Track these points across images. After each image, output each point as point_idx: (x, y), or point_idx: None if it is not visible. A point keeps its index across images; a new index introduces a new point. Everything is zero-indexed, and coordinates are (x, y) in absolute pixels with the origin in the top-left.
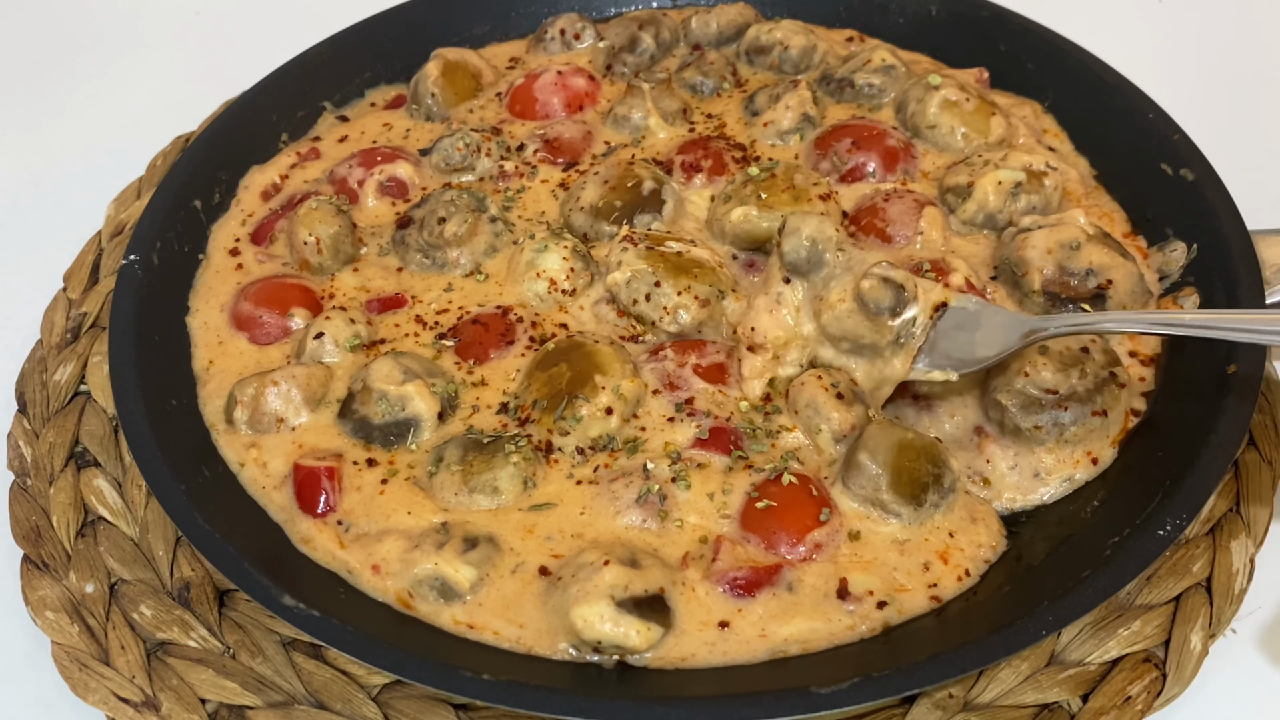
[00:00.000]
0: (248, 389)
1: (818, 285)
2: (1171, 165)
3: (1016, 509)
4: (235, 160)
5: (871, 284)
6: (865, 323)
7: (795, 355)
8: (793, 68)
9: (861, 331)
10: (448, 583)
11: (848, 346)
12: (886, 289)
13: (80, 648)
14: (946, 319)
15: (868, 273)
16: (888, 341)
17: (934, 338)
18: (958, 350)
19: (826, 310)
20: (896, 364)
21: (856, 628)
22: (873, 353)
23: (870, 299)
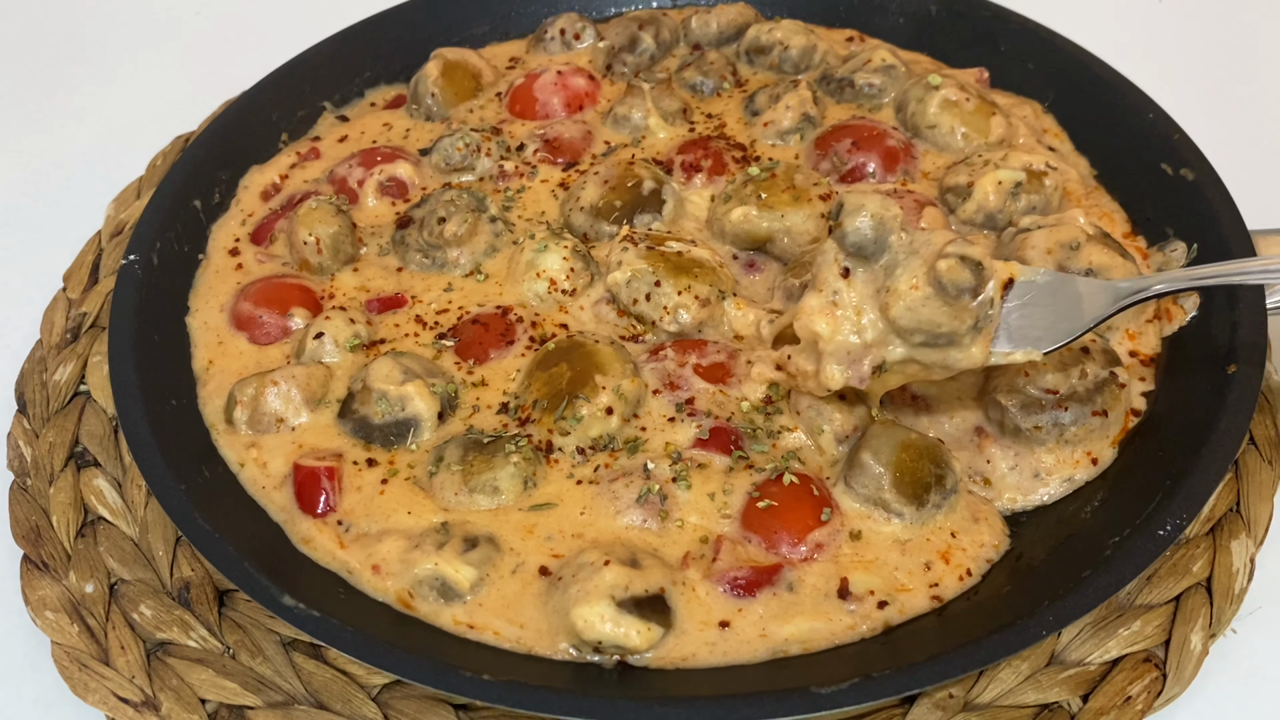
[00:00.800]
0: (248, 389)
1: (879, 275)
2: (1171, 165)
3: (1017, 509)
4: (235, 160)
5: (950, 264)
6: (943, 309)
7: (865, 358)
8: (793, 68)
9: (939, 319)
10: (448, 583)
11: (921, 339)
12: (965, 268)
13: (80, 648)
14: (1013, 296)
15: (942, 252)
16: (967, 327)
17: (1004, 317)
18: (1033, 327)
19: (897, 301)
20: (975, 351)
21: (857, 627)
22: (948, 342)
23: (949, 281)
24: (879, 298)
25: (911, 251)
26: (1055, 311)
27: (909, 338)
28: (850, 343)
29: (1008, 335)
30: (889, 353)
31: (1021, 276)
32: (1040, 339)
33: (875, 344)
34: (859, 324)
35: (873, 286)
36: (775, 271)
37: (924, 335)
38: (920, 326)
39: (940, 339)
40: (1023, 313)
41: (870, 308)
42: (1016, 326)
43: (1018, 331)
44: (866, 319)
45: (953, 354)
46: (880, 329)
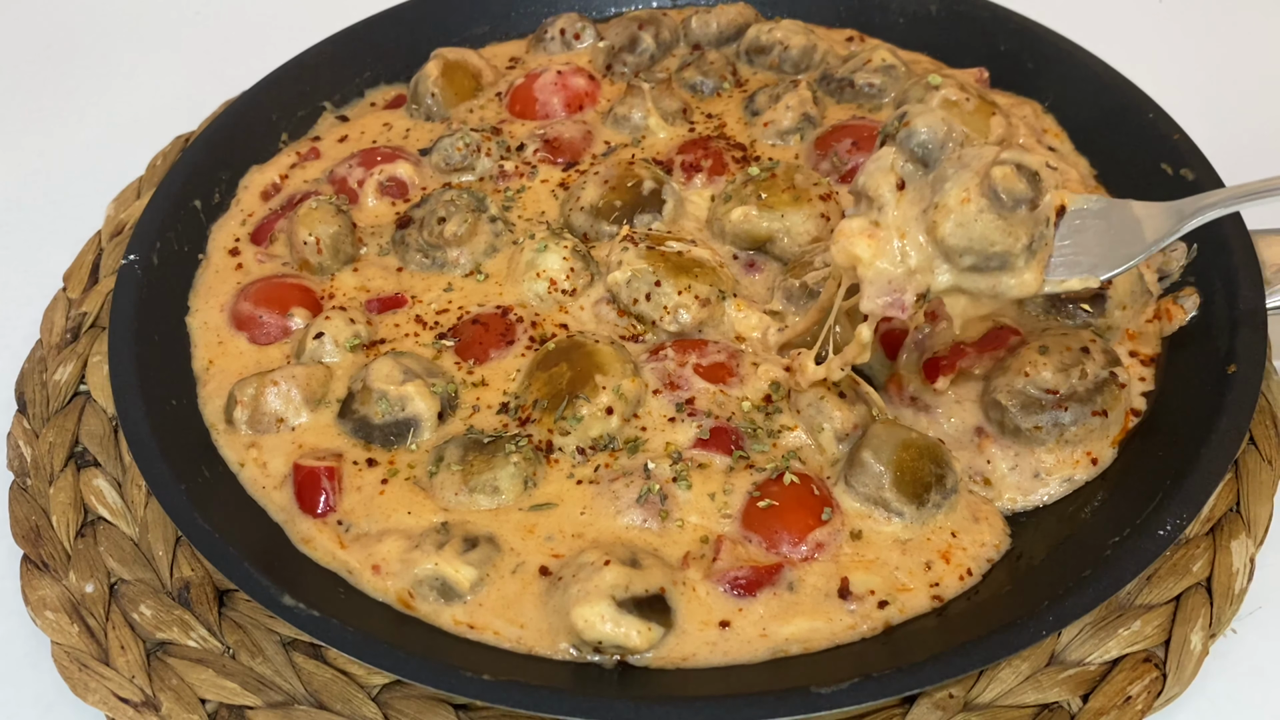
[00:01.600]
0: (248, 389)
1: (926, 193)
2: (1171, 165)
3: (1017, 509)
4: (235, 160)
5: (1005, 172)
6: (998, 223)
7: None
8: (793, 68)
9: (993, 236)
10: (448, 583)
11: (970, 261)
12: (1022, 177)
13: (80, 648)
14: (1065, 225)
15: (997, 160)
16: (1021, 246)
17: (1056, 246)
18: (1088, 254)
19: (946, 218)
20: (1029, 276)
21: (858, 627)
22: (1000, 265)
23: (1005, 190)
24: (925, 218)
25: (962, 165)
26: (1111, 237)
27: (958, 260)
28: (892, 270)
29: (1062, 263)
30: (935, 280)
31: (1073, 204)
32: (1097, 265)
33: (920, 269)
34: (903, 247)
35: (918, 206)
36: (775, 271)
37: (974, 257)
38: (971, 246)
39: (992, 261)
40: (1076, 240)
41: (916, 229)
42: (1070, 254)
43: (1072, 259)
44: (911, 242)
45: (1004, 279)
46: (926, 253)
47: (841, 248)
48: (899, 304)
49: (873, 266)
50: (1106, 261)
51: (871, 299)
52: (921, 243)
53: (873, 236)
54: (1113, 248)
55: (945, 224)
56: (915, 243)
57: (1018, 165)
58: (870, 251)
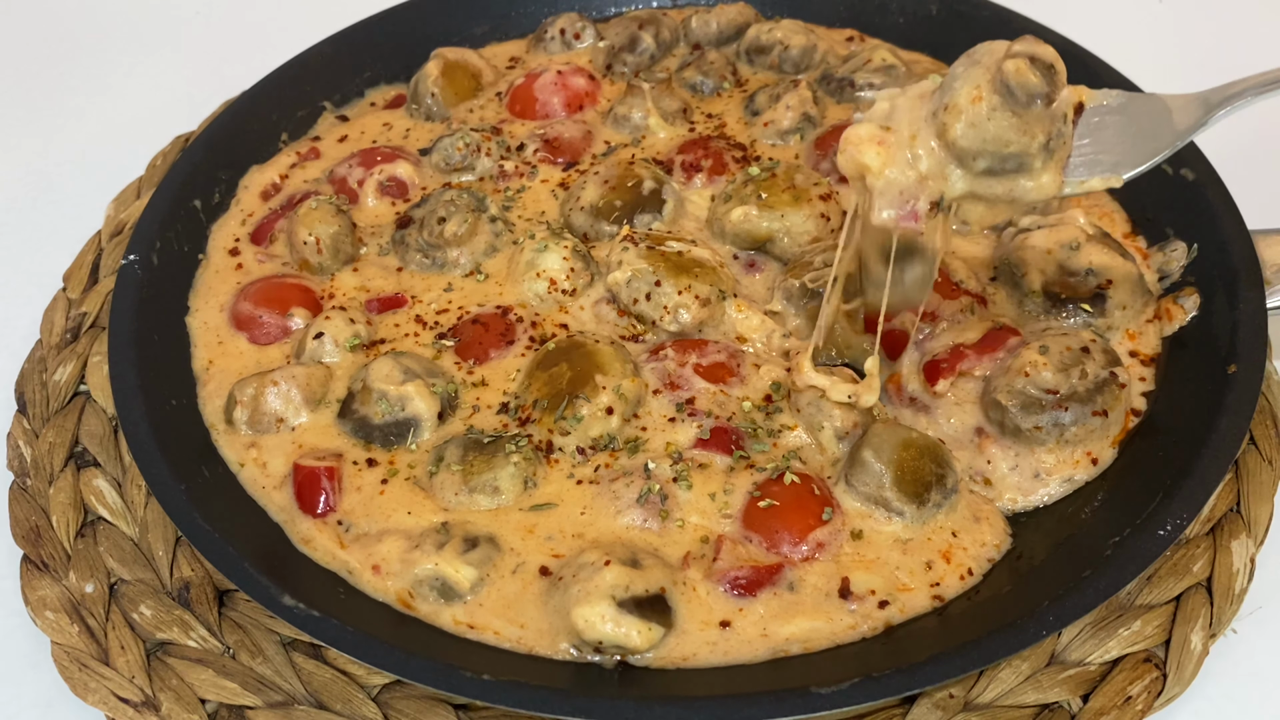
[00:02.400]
0: (247, 389)
1: (935, 96)
2: (1171, 165)
3: (1018, 509)
4: (235, 160)
5: (1018, 65)
6: (1011, 121)
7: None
8: (793, 67)
9: (1007, 135)
10: (448, 583)
11: (985, 164)
12: (1036, 70)
13: (80, 648)
14: (1084, 122)
15: (1009, 53)
16: (1039, 146)
17: (1075, 145)
18: (1109, 152)
19: (957, 118)
20: (1046, 179)
21: (858, 627)
22: (1017, 167)
23: (1018, 84)
24: (935, 120)
25: (972, 63)
26: (1134, 133)
27: (971, 164)
28: (903, 178)
29: (1082, 164)
30: (948, 186)
31: (1092, 100)
32: (1119, 163)
33: (932, 176)
34: (913, 152)
35: (928, 108)
36: (775, 271)
37: (989, 159)
38: (985, 147)
39: (1008, 163)
40: (1096, 138)
41: (926, 132)
42: (1090, 153)
43: (1092, 158)
44: (922, 146)
45: (1021, 183)
46: (938, 157)
47: (849, 156)
48: (911, 214)
49: (882, 175)
50: (1130, 158)
51: (882, 210)
52: (933, 147)
53: (882, 143)
54: (1136, 144)
55: (956, 125)
56: (926, 147)
57: (1031, 58)
58: (879, 159)
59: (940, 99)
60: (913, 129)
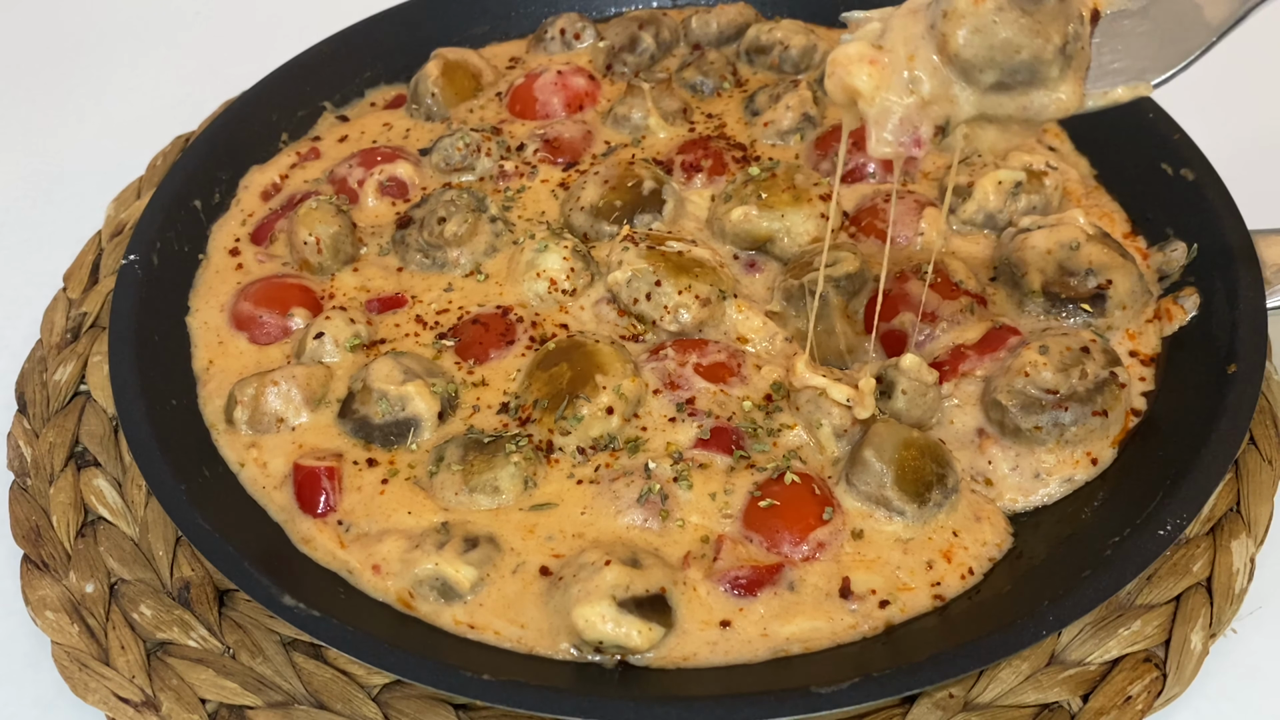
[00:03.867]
0: (248, 389)
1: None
2: (1171, 165)
3: (1018, 509)
4: (235, 160)
5: None
6: (1021, 21)
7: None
8: (793, 67)
9: (1017, 38)
10: (448, 583)
11: (994, 77)
12: None
13: (80, 648)
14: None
15: None
16: (1054, 51)
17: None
18: (1134, 57)
19: (958, 25)
20: (1065, 91)
21: (859, 627)
22: (1030, 78)
23: None
24: (934, 34)
25: None
26: (1160, 35)
27: (979, 78)
28: (900, 102)
29: (1103, 73)
30: (954, 108)
31: (1109, 7)
32: (1147, 69)
33: (935, 98)
34: (912, 74)
35: (925, 22)
36: (775, 271)
37: (998, 71)
38: (993, 56)
39: (1019, 74)
40: (1116, 46)
41: (925, 49)
42: (1111, 62)
43: (1113, 68)
44: (921, 64)
45: (1037, 97)
46: (941, 75)
47: (837, 79)
48: (914, 141)
49: (876, 100)
50: (1159, 63)
51: (881, 140)
52: (935, 64)
53: (874, 62)
54: (1163, 46)
55: (959, 33)
56: (926, 64)
57: None
58: (872, 81)
59: (938, 7)
60: (909, 48)
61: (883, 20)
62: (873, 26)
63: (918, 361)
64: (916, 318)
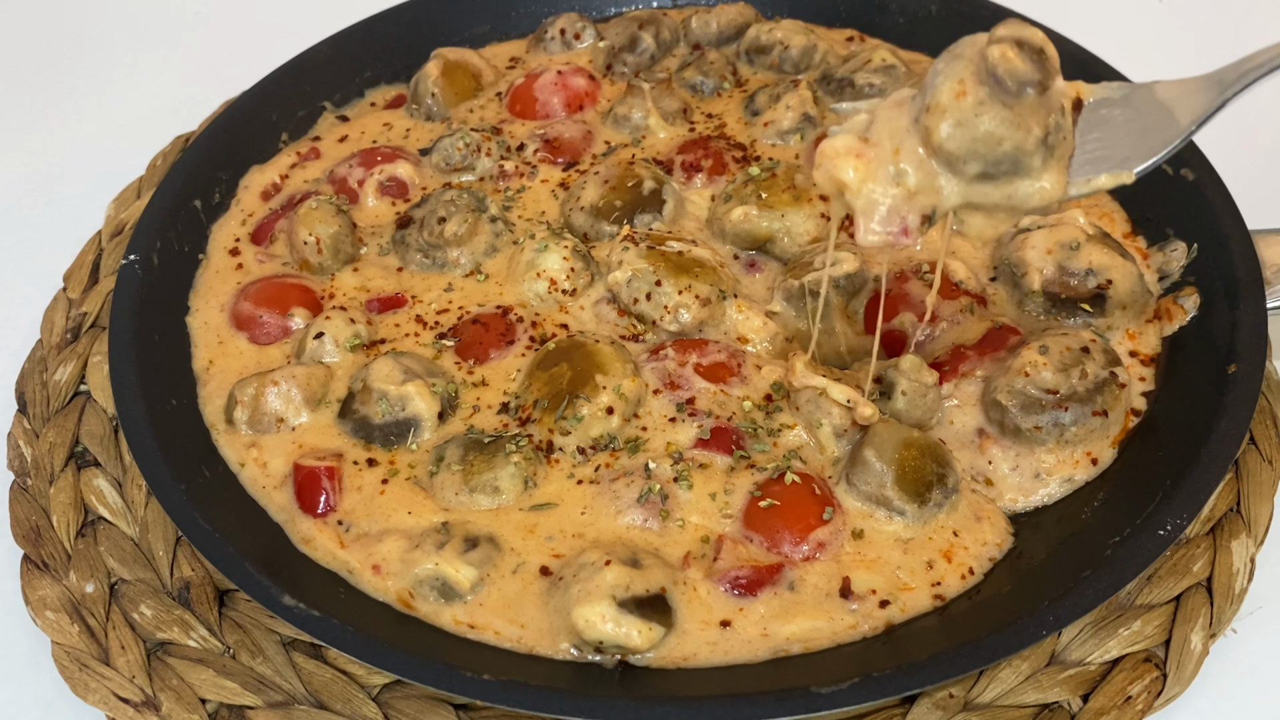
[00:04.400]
0: (248, 389)
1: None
2: (1171, 165)
3: (1018, 509)
4: (235, 160)
5: (1003, 50)
6: (1002, 116)
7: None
8: (793, 67)
9: (999, 131)
10: (448, 583)
11: (978, 168)
12: (1024, 56)
13: (80, 648)
14: (1085, 118)
15: (993, 38)
16: (1035, 142)
17: (1078, 144)
18: (1115, 147)
19: (941, 118)
20: (1048, 181)
21: (859, 627)
22: (1013, 168)
23: (1006, 71)
24: (918, 126)
25: (953, 57)
26: (1142, 124)
27: (963, 169)
28: (885, 194)
29: (1087, 161)
30: (940, 198)
31: (1092, 95)
32: (1129, 157)
33: (921, 189)
34: (898, 167)
35: (909, 116)
36: (775, 271)
37: (981, 162)
38: (975, 148)
39: (1003, 164)
40: (1100, 134)
41: (910, 140)
42: (1095, 150)
43: (1098, 156)
44: (907, 157)
45: (1021, 187)
46: (927, 167)
47: (825, 171)
48: (901, 230)
49: (863, 193)
50: (1140, 151)
51: (869, 230)
52: (920, 156)
53: (860, 155)
54: (1145, 135)
55: (942, 126)
56: (912, 157)
57: (1017, 41)
58: (859, 174)
59: (921, 101)
60: (895, 141)
61: (870, 112)
62: (860, 119)
63: (918, 362)
64: (917, 318)
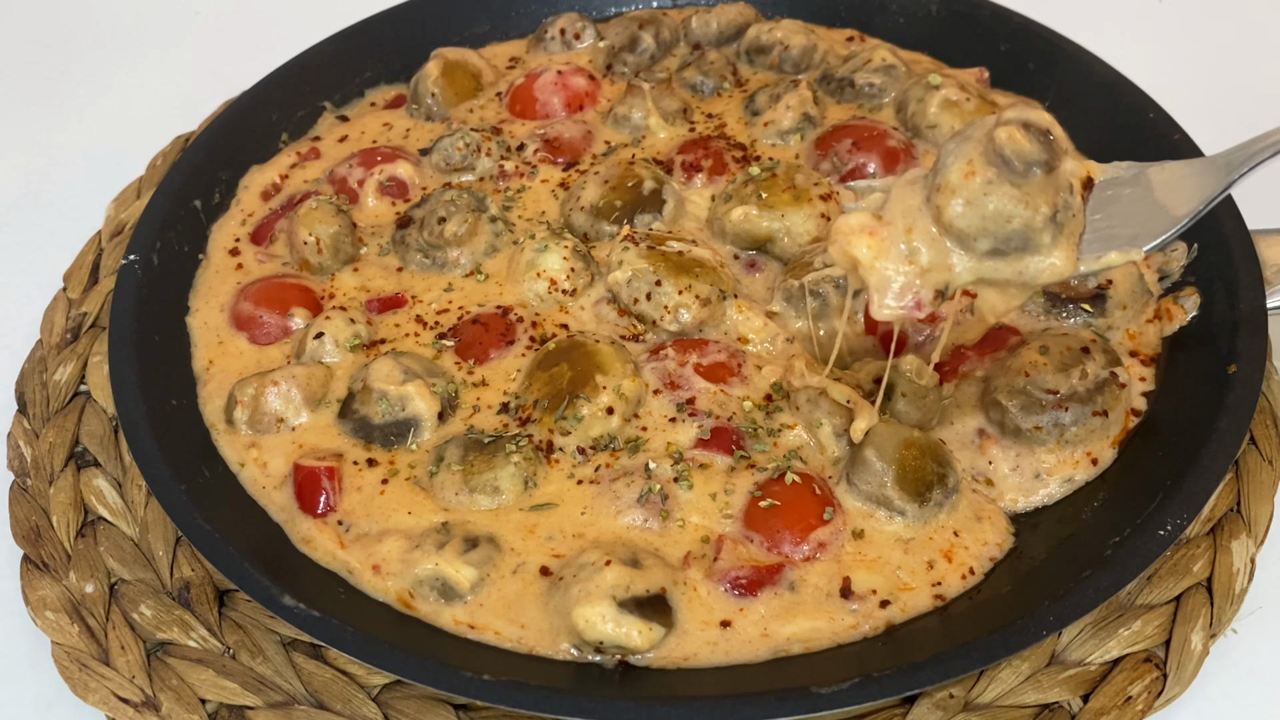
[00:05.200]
0: (248, 389)
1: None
2: None
3: (1018, 510)
4: (235, 160)
5: (1010, 133)
6: (1011, 194)
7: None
8: (793, 67)
9: (1008, 209)
10: (448, 583)
11: (988, 245)
12: (1031, 137)
13: (80, 648)
14: (1096, 197)
15: (1000, 120)
16: (1044, 220)
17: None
18: (1125, 225)
19: (951, 198)
20: (1058, 257)
21: (859, 627)
22: (1023, 245)
23: (1013, 153)
24: (930, 206)
25: (962, 139)
26: (1151, 203)
27: (973, 246)
28: (897, 271)
29: (1097, 239)
30: (952, 275)
31: (1102, 174)
32: (1138, 236)
33: (933, 266)
34: (910, 246)
35: (921, 195)
36: (775, 271)
37: (991, 239)
38: (985, 226)
39: (1012, 241)
40: (1110, 212)
41: (923, 221)
42: (1105, 228)
43: (1108, 233)
44: (920, 235)
45: (1031, 263)
46: (940, 245)
47: (839, 248)
48: (915, 304)
49: (876, 269)
50: (1149, 230)
51: (883, 305)
52: (933, 235)
53: (874, 234)
54: (1154, 214)
55: (952, 205)
56: (925, 235)
57: (1023, 124)
58: (872, 251)
59: (932, 180)
60: (908, 220)
61: (884, 190)
62: (875, 197)
63: (918, 363)
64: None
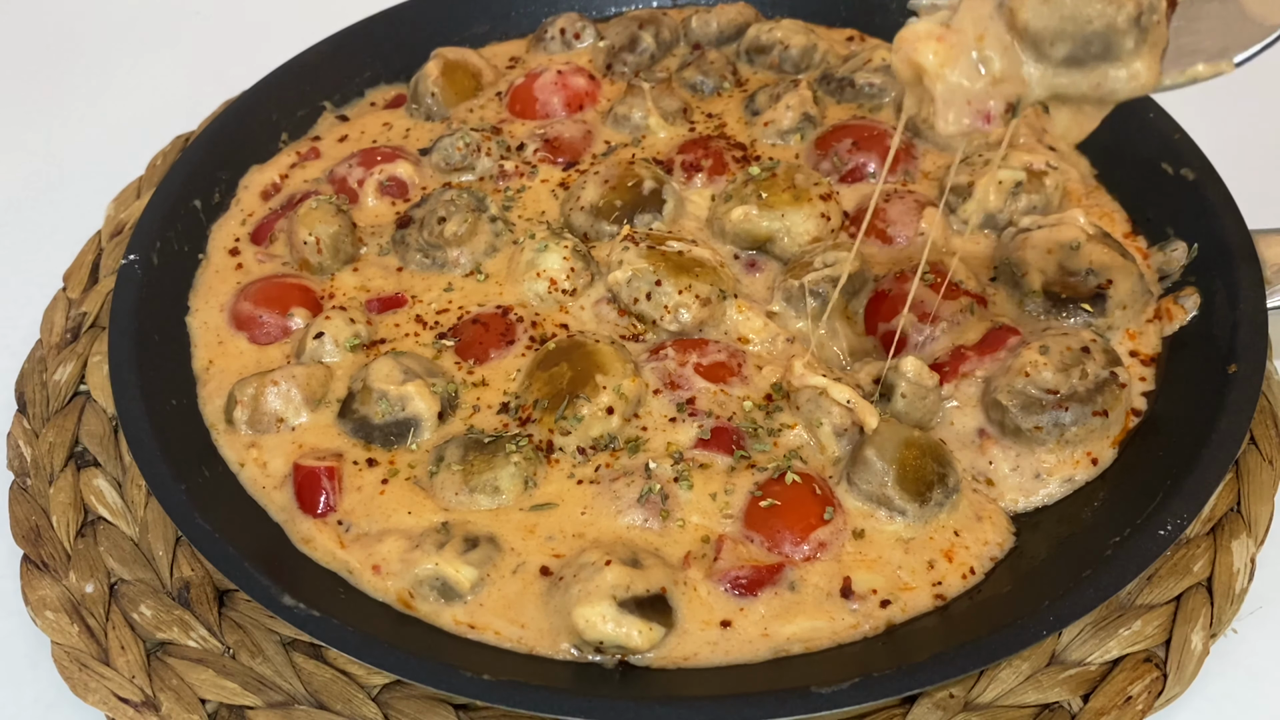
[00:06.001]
0: (248, 389)
1: None
2: (1172, 165)
3: (1019, 510)
4: (235, 160)
5: None
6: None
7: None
8: (793, 67)
9: (1088, 9)
10: (448, 583)
11: (1065, 50)
12: None
13: (80, 648)
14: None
15: None
16: (1127, 20)
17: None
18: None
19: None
20: (1140, 66)
21: (860, 627)
22: (1103, 50)
23: None
24: (1002, 10)
25: None
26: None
27: (1049, 52)
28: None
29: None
30: (1025, 88)
31: None
32: (1227, 48)
33: (1005, 76)
34: (982, 54)
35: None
36: (775, 271)
37: (1069, 43)
38: (1063, 26)
39: (1092, 45)
40: (1193, 28)
41: (995, 27)
42: (1188, 44)
43: (1191, 47)
44: (991, 42)
45: (1111, 74)
46: (1012, 53)
47: (903, 55)
48: (983, 117)
49: (942, 77)
50: (1239, 40)
51: (948, 119)
52: (1006, 42)
53: (941, 39)
54: (1244, 26)
55: (1028, 3)
56: (996, 43)
57: None
58: (939, 58)
59: None
60: (978, 27)
61: (951, 7)
62: (941, 14)
63: (918, 364)
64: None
